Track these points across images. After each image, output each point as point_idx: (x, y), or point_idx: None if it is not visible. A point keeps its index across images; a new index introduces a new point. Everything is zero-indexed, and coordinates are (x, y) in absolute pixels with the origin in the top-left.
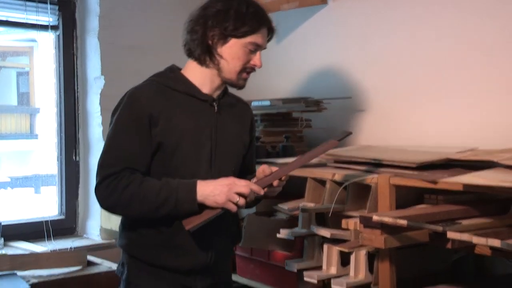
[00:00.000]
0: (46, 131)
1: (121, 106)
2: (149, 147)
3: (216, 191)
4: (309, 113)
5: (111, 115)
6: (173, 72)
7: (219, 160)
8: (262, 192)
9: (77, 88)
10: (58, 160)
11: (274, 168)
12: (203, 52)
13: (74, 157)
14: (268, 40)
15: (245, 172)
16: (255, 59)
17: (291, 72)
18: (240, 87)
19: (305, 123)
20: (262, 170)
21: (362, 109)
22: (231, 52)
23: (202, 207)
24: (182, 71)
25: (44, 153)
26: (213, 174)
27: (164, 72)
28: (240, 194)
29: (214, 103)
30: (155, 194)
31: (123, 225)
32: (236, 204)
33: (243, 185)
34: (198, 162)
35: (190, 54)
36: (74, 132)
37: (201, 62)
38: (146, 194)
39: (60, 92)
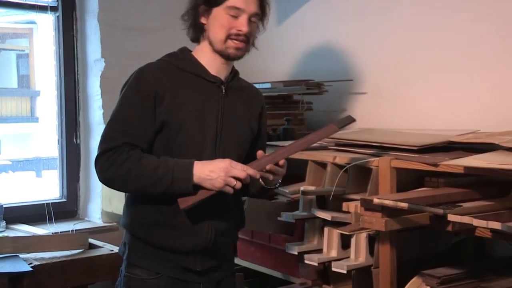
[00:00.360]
0: (47, 114)
1: (129, 82)
2: (152, 124)
3: (213, 174)
4: (310, 95)
5: (120, 91)
6: (183, 53)
7: (224, 142)
8: (258, 175)
9: (77, 71)
10: (58, 143)
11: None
12: (195, 31)
13: (74, 140)
14: (262, 9)
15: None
16: (239, 24)
17: (291, 54)
18: (232, 57)
19: (306, 106)
20: (258, 155)
21: (363, 91)
22: (215, 21)
23: (198, 187)
24: (193, 53)
25: (44, 136)
26: (217, 156)
27: (174, 53)
28: (236, 178)
29: (222, 85)
30: (151, 171)
31: (127, 204)
32: (233, 187)
33: (239, 169)
34: (202, 142)
35: (191, 37)
36: (74, 115)
37: (198, 41)
38: (143, 170)
39: (60, 74)
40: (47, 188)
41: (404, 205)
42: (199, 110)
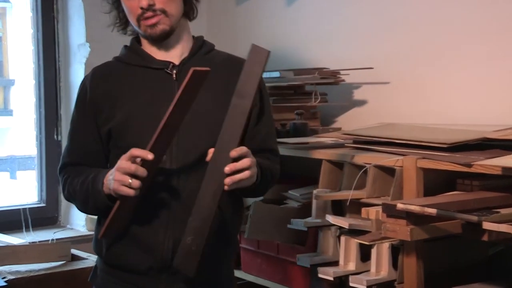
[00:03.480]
0: (23, 106)
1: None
2: (95, 139)
3: (110, 176)
4: (325, 85)
5: None
6: (131, 46)
7: (185, 138)
8: (149, 156)
9: (59, 57)
10: (37, 140)
11: None
12: (127, 25)
13: (55, 136)
14: None
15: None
16: (138, 2)
17: (303, 39)
18: (154, 36)
19: (319, 98)
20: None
21: (385, 81)
22: (125, 10)
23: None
24: (142, 43)
25: (20, 131)
26: (179, 153)
27: (125, 46)
28: (129, 174)
29: (173, 70)
30: (79, 189)
31: (96, 223)
32: (131, 187)
33: (123, 160)
34: None
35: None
36: (55, 108)
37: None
38: (75, 189)
39: (38, 61)
40: (24, 191)
41: (433, 211)
42: (148, 104)
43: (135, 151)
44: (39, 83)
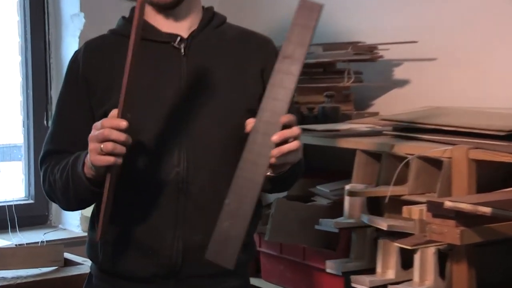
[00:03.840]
0: (7, 86)
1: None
2: (86, 122)
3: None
4: (360, 63)
5: None
6: (130, 15)
7: (195, 124)
8: (123, 124)
9: (49, 29)
10: (24, 126)
11: None
12: None
13: (45, 122)
14: None
15: None
16: None
17: (334, 8)
18: (161, 3)
19: (353, 77)
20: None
21: (431, 57)
22: None
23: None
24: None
25: (4, 116)
26: (186, 145)
27: (122, 17)
28: (102, 140)
29: (181, 44)
30: (59, 177)
31: (89, 225)
32: (107, 153)
33: (93, 129)
34: (157, 127)
35: None
36: (44, 88)
37: None
38: (55, 179)
39: (25, 34)
40: (8, 185)
41: (487, 210)
42: (151, 84)
43: (106, 122)
44: (26, 59)
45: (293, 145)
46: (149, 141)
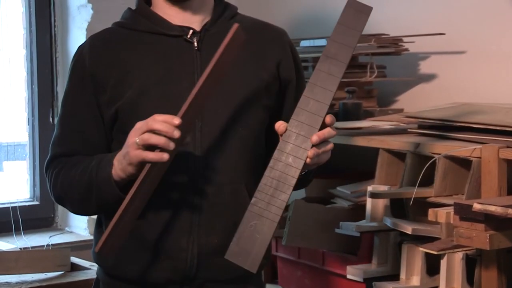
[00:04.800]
0: (11, 82)
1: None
2: (95, 123)
3: (125, 149)
4: (383, 56)
5: None
6: (139, 8)
7: (210, 121)
8: (176, 122)
9: (55, 21)
10: (28, 124)
11: None
12: None
13: (50, 119)
14: None
15: None
16: None
17: None
18: None
19: (376, 71)
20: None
21: (459, 50)
22: None
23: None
24: (152, 5)
25: (7, 113)
26: (202, 140)
27: (128, 9)
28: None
29: (194, 37)
30: (77, 180)
31: (96, 222)
32: (161, 149)
33: (160, 120)
34: None
35: None
36: (50, 84)
37: None
38: (71, 183)
39: (30, 26)
40: (12, 186)
41: None
42: (162, 81)
43: (158, 116)
44: (31, 53)
45: (329, 146)
46: None
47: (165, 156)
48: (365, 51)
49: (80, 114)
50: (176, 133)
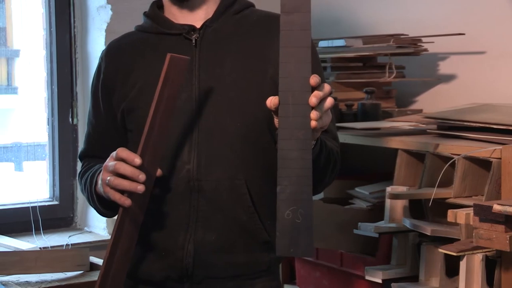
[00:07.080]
0: (30, 82)
1: None
2: (113, 125)
3: (101, 179)
4: (402, 56)
5: None
6: (150, 9)
7: (208, 116)
8: (137, 161)
9: (74, 22)
10: (48, 124)
11: None
12: None
13: (70, 119)
14: None
15: None
16: None
17: None
18: None
19: (395, 72)
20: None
21: (479, 50)
22: None
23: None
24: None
25: (27, 113)
26: (200, 139)
27: (144, 13)
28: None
29: (193, 35)
30: (83, 187)
31: None
32: (116, 188)
33: (109, 158)
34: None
35: None
36: (70, 84)
37: None
38: (82, 188)
39: (50, 27)
40: (32, 186)
41: None
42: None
43: (122, 152)
44: (51, 54)
45: (329, 101)
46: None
47: (128, 202)
48: (384, 51)
49: (99, 118)
50: (142, 177)
